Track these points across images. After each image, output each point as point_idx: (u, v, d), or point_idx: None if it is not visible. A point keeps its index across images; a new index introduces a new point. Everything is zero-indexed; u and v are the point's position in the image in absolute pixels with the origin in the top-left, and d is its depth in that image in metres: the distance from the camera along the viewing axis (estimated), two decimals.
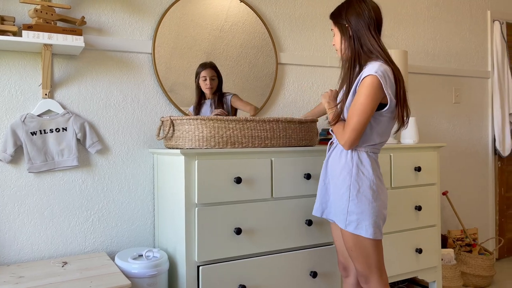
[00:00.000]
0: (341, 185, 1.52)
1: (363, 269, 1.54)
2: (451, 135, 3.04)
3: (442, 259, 2.48)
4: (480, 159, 3.20)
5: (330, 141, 1.67)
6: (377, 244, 1.53)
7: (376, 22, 1.54)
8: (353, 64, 1.53)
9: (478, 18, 3.19)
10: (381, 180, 1.55)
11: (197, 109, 2.13)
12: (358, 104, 1.44)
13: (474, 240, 2.89)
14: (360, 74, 1.48)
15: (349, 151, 1.52)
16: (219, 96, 2.17)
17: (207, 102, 2.15)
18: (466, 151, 3.11)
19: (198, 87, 2.13)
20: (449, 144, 3.03)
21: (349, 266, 1.71)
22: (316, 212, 1.68)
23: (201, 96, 2.14)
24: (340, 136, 1.50)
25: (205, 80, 2.12)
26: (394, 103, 1.48)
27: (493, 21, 3.22)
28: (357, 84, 1.48)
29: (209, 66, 2.14)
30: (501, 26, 3.21)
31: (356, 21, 1.52)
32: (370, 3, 1.54)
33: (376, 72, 1.42)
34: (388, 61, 1.50)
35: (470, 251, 2.77)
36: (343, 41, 1.56)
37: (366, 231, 1.48)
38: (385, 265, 2.08)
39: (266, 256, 1.77)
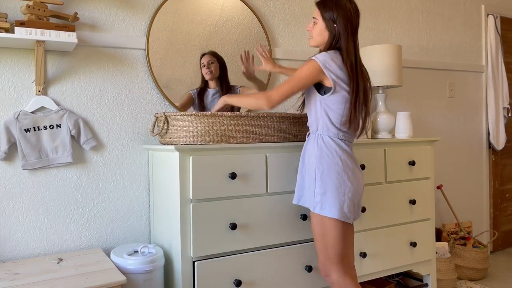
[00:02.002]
0: (310, 168, 1.61)
1: (323, 257, 1.60)
2: (445, 129, 3.06)
3: (436, 252, 2.50)
4: (475, 153, 3.21)
5: (308, 132, 1.72)
6: (343, 231, 1.56)
7: (356, 27, 1.64)
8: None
9: (472, 12, 3.19)
10: (351, 168, 1.59)
11: (199, 96, 2.13)
12: (298, 78, 1.61)
13: (468, 233, 2.91)
14: None
15: (320, 137, 1.61)
16: (226, 87, 2.17)
17: (211, 92, 2.15)
18: (461, 145, 3.13)
19: (202, 78, 2.15)
20: (444, 138, 3.05)
21: None
22: (294, 200, 1.72)
23: (205, 86, 2.15)
24: (265, 96, 1.64)
25: (204, 66, 2.13)
26: None
27: (487, 15, 3.23)
28: None
29: (208, 52, 2.16)
30: (495, 20, 3.22)
31: (345, 24, 1.59)
32: (355, 7, 1.62)
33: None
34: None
35: (465, 244, 2.79)
36: (324, 35, 1.63)
37: (329, 210, 1.54)
38: (380, 258, 2.10)
39: (262, 250, 1.78)
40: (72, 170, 1.88)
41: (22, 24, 1.65)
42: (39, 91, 1.79)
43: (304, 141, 1.97)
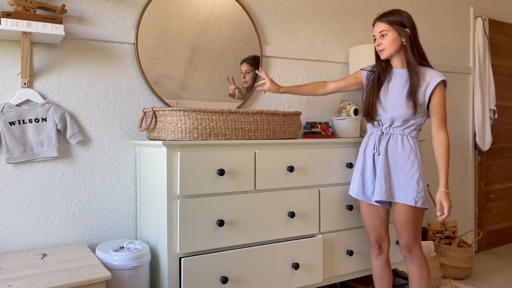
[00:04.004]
0: (411, 167, 1.79)
1: (410, 239, 1.82)
2: None
3: None
4: (461, 154, 3.25)
5: (378, 135, 1.86)
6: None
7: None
8: (415, 67, 1.80)
9: (461, 14, 3.23)
10: None
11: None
12: (444, 106, 1.80)
13: (453, 232, 2.95)
14: (429, 79, 1.79)
15: (409, 138, 1.82)
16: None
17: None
18: None
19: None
20: (431, 139, 3.07)
21: (383, 243, 1.95)
22: (379, 197, 1.81)
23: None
24: (447, 139, 1.81)
25: (242, 73, 2.17)
26: None
27: (476, 18, 3.27)
28: (427, 86, 1.78)
29: (246, 60, 2.21)
30: (483, 23, 3.26)
31: (414, 30, 1.84)
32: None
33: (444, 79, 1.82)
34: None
35: (450, 244, 2.82)
36: (398, 42, 1.82)
37: (429, 204, 1.82)
38: (366, 257, 2.12)
39: (249, 248, 1.78)
40: (58, 164, 1.85)
41: (8, 15, 1.62)
42: (25, 83, 1.76)
43: (293, 138, 1.97)
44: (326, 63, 2.57)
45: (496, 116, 3.31)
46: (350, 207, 2.05)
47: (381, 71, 1.90)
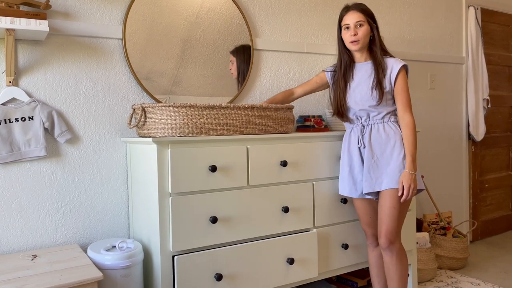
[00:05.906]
0: (399, 151, 1.79)
1: (393, 225, 1.77)
2: (426, 121, 3.08)
3: (417, 243, 2.52)
4: (455, 144, 3.25)
5: (360, 129, 1.87)
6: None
7: None
8: (381, 61, 1.84)
9: (453, 3, 3.21)
10: None
11: None
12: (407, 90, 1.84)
13: (448, 223, 2.95)
14: (391, 66, 1.83)
15: (391, 124, 1.84)
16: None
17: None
18: (441, 136, 3.16)
19: None
20: (424, 129, 3.07)
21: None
22: (370, 189, 1.80)
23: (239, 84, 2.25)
24: (412, 121, 1.82)
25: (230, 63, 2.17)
26: None
27: (468, 7, 3.25)
28: (390, 74, 1.83)
29: (232, 50, 2.20)
30: (475, 12, 3.24)
31: (377, 26, 1.89)
32: None
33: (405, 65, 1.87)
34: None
35: (445, 234, 2.82)
36: (369, 36, 1.86)
37: (421, 184, 1.83)
38: (361, 250, 2.11)
39: (243, 244, 1.76)
40: (46, 164, 1.82)
41: None
42: (10, 82, 1.72)
43: (286, 133, 1.95)
44: (318, 56, 2.54)
45: (489, 106, 3.30)
46: (344, 201, 2.03)
47: (346, 67, 1.91)
